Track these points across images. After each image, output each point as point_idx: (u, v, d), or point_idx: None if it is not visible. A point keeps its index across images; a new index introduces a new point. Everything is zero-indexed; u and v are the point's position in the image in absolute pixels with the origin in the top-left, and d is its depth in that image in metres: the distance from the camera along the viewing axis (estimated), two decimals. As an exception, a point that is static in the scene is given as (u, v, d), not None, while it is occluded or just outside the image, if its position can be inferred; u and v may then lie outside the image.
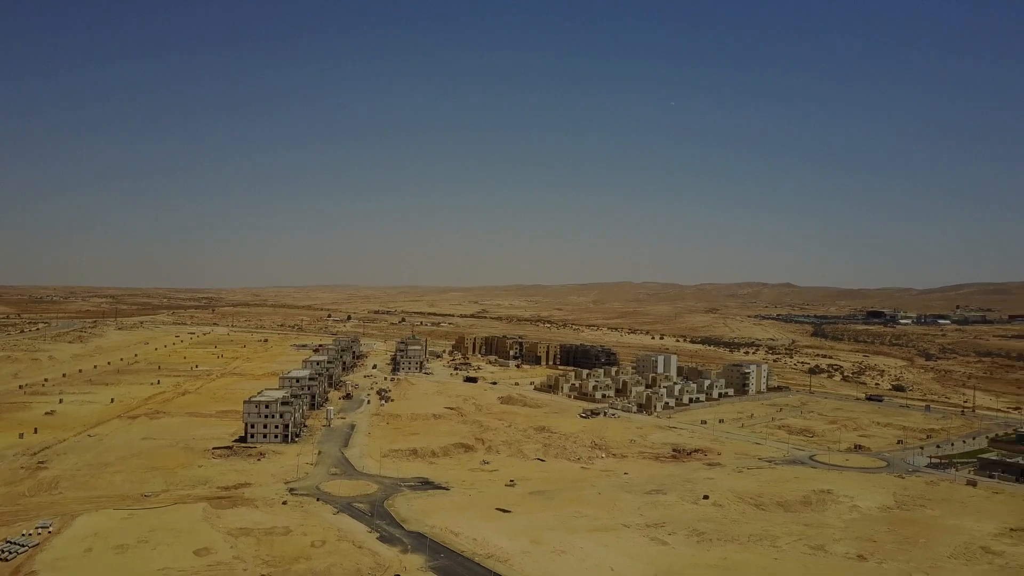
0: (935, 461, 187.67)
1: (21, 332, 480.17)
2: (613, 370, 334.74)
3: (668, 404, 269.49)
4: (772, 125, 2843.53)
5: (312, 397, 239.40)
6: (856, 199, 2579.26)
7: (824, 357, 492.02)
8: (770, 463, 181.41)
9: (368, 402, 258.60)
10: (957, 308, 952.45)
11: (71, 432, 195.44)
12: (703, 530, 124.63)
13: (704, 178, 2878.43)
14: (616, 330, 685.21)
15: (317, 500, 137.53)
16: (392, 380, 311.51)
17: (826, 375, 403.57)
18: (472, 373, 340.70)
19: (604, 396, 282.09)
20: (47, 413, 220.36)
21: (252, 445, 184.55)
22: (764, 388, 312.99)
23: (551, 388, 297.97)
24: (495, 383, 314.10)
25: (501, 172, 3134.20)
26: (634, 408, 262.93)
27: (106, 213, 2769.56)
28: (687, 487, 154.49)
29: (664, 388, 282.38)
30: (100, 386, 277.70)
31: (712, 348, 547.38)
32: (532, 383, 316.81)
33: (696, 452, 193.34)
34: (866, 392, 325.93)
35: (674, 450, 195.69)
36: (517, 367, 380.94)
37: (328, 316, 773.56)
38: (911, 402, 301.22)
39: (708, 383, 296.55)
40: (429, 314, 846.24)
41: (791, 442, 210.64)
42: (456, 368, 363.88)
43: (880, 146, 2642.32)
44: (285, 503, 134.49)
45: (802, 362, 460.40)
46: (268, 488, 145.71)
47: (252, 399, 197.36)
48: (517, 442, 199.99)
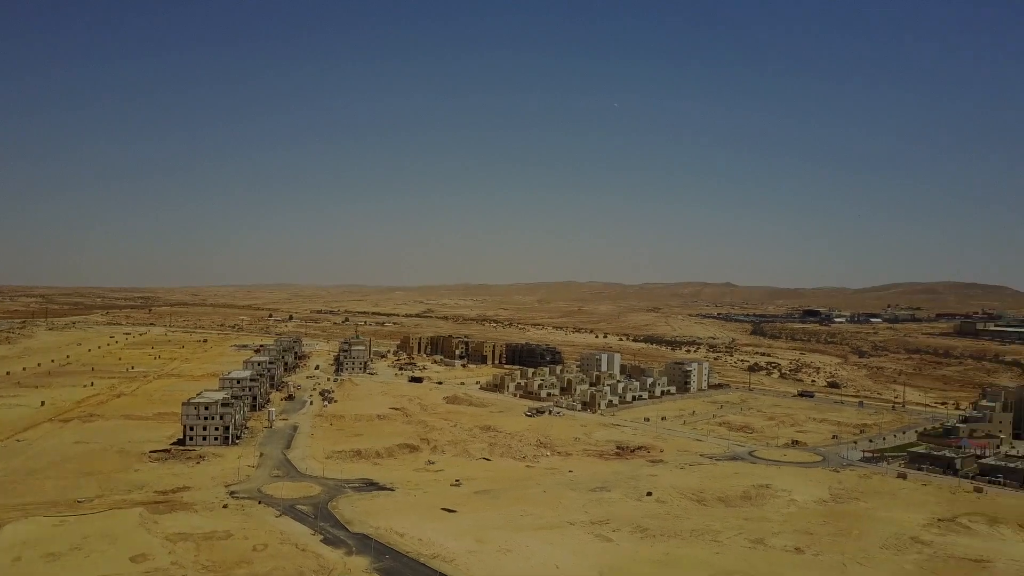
0: (868, 455, 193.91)
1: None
2: (558, 369, 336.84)
3: (612, 402, 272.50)
4: (714, 124, 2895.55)
5: (253, 398, 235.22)
6: (794, 200, 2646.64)
7: (763, 355, 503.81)
8: (711, 459, 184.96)
9: (311, 403, 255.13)
10: (888, 307, 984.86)
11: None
12: (647, 526, 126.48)
13: (646, 180, 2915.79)
14: (561, 329, 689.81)
15: (259, 503, 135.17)
16: (335, 381, 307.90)
17: (765, 372, 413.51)
18: (417, 373, 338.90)
19: (549, 395, 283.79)
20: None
21: (191, 448, 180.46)
22: (705, 386, 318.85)
23: (497, 387, 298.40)
24: (441, 383, 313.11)
25: (447, 172, 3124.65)
26: (579, 406, 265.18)
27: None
28: (631, 484, 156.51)
29: (608, 386, 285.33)
30: (29, 388, 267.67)
31: (655, 347, 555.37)
32: (478, 382, 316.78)
33: (639, 449, 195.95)
34: (798, 389, 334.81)
35: (618, 447, 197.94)
36: (463, 367, 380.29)
37: (269, 316, 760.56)
38: (845, 398, 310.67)
39: (651, 381, 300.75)
40: (373, 314, 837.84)
41: (731, 438, 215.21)
42: (401, 368, 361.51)
43: (816, 149, 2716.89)
44: (226, 506, 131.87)
45: (742, 360, 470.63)
46: (208, 491, 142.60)
47: (191, 401, 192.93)
48: (463, 442, 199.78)
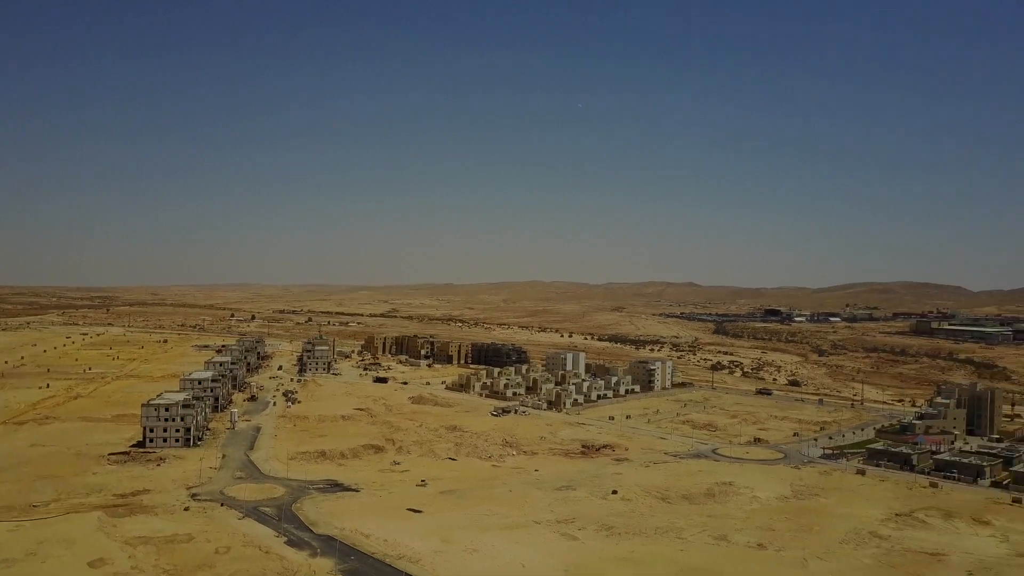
0: (828, 452, 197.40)
1: None
2: (524, 368, 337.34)
3: (577, 401, 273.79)
4: (680, 124, 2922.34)
5: (215, 399, 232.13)
6: (756, 201, 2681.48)
7: (725, 354, 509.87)
8: (675, 457, 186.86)
9: (274, 404, 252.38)
10: (847, 306, 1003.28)
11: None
12: (612, 524, 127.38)
13: (609, 180, 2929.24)
14: (527, 329, 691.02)
15: (221, 505, 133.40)
16: (299, 381, 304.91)
17: (727, 371, 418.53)
18: (382, 373, 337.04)
19: (515, 394, 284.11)
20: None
21: (151, 450, 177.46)
22: (669, 384, 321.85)
23: (462, 387, 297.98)
24: (406, 383, 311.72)
25: (411, 172, 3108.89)
26: (544, 405, 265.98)
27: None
28: (596, 482, 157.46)
29: (573, 385, 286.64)
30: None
31: (619, 346, 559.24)
32: (443, 382, 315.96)
33: (604, 448, 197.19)
34: (757, 387, 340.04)
35: (583, 446, 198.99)
36: (428, 367, 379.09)
37: (231, 316, 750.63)
38: (806, 396, 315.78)
39: (615, 380, 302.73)
40: (337, 313, 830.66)
41: (695, 436, 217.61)
42: (365, 368, 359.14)
43: (779, 150, 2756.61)
44: (187, 509, 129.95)
45: (705, 359, 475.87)
46: (169, 494, 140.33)
47: (151, 402, 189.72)
48: (428, 442, 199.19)
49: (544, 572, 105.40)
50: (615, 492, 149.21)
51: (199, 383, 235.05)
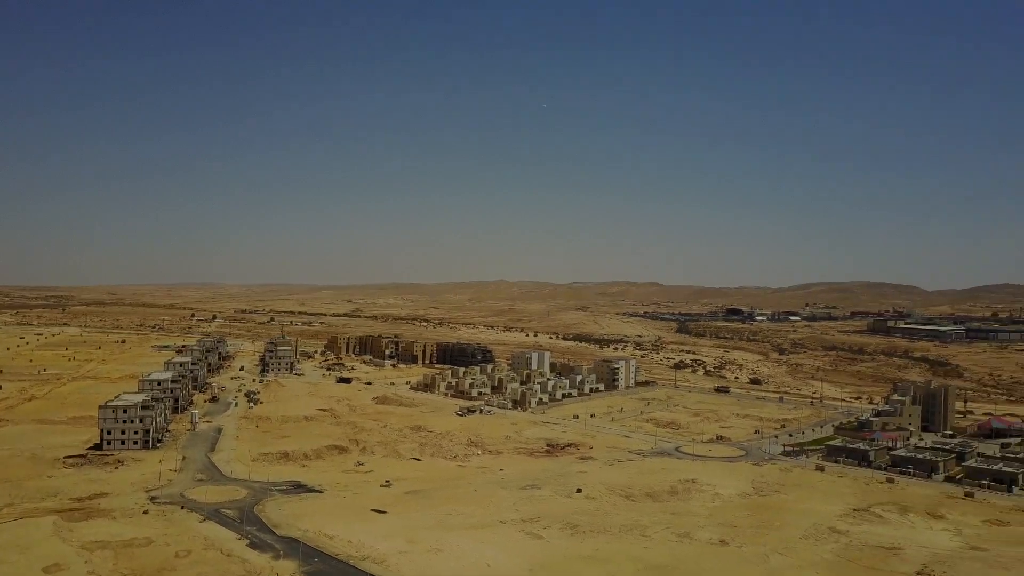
0: (788, 449, 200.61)
1: None
2: (489, 368, 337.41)
3: (542, 400, 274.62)
4: (638, 123, 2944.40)
5: (175, 400, 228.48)
6: (717, 202, 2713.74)
7: (688, 352, 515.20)
8: (639, 455, 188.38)
9: (236, 405, 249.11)
10: (807, 306, 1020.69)
11: None
12: (577, 523, 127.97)
13: (573, 179, 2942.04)
14: (492, 328, 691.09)
15: (182, 508, 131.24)
16: (261, 382, 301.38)
17: (690, 370, 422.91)
18: (346, 373, 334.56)
19: (480, 394, 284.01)
20: None
21: (109, 452, 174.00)
22: (633, 383, 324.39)
23: (427, 387, 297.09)
24: (370, 383, 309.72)
25: (377, 172, 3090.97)
26: (509, 405, 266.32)
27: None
28: (561, 481, 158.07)
29: (538, 384, 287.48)
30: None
31: (583, 345, 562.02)
32: (408, 382, 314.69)
33: (569, 447, 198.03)
34: (715, 384, 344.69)
35: (548, 445, 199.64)
36: (393, 367, 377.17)
37: (192, 315, 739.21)
38: (767, 394, 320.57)
39: (580, 379, 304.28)
40: (300, 313, 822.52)
41: (658, 434, 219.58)
42: (329, 369, 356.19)
43: (738, 152, 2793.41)
44: (146, 512, 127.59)
45: (668, 358, 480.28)
46: (127, 497, 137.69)
47: (109, 403, 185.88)
48: (393, 442, 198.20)
49: (509, 571, 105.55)
50: (580, 491, 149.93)
51: (159, 384, 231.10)
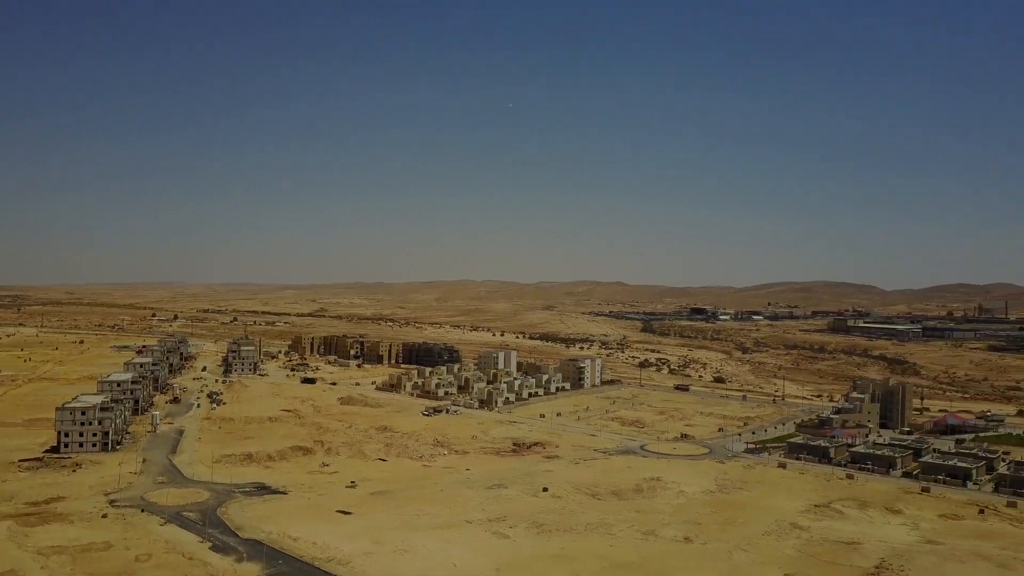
0: (751, 446, 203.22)
1: None
2: (456, 367, 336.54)
3: (509, 399, 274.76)
4: (604, 122, 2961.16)
5: (136, 402, 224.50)
6: (679, 203, 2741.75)
7: (653, 351, 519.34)
8: (605, 454, 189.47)
9: (198, 406, 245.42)
10: (769, 305, 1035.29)
11: None
12: (543, 521, 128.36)
13: (539, 179, 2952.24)
14: (459, 328, 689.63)
15: (142, 511, 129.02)
16: (224, 382, 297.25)
17: (655, 368, 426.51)
18: (310, 374, 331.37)
19: (447, 393, 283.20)
20: None
21: (66, 455, 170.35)
22: (598, 382, 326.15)
23: (393, 387, 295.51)
24: (335, 383, 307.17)
25: (341, 172, 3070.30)
26: (476, 404, 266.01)
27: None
28: (527, 480, 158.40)
29: (505, 384, 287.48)
30: None
31: (550, 344, 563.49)
32: (374, 383, 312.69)
33: (535, 445, 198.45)
34: (674, 383, 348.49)
35: (514, 444, 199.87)
36: (358, 367, 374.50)
37: (153, 315, 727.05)
38: (730, 392, 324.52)
39: (546, 378, 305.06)
40: (263, 313, 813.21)
41: (624, 433, 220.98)
42: (293, 369, 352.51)
43: (700, 153, 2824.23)
44: (105, 516, 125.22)
45: (633, 356, 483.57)
46: (85, 501, 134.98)
47: (66, 405, 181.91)
48: (358, 443, 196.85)
49: (476, 571, 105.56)
50: (546, 489, 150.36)
51: (118, 385, 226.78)
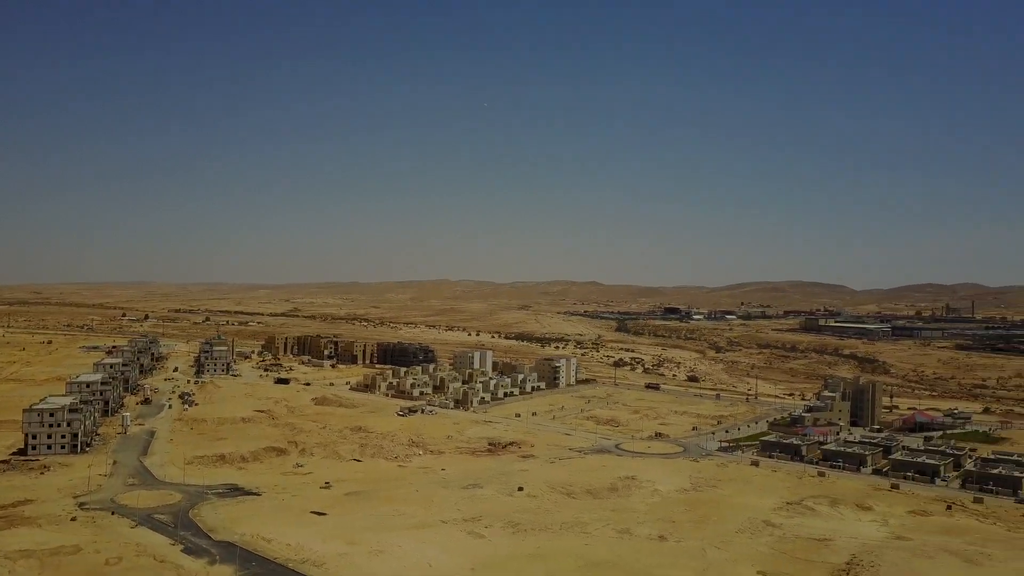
0: (725, 445, 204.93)
1: None
2: (431, 367, 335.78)
3: (484, 399, 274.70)
4: (574, 123, 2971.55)
5: (105, 403, 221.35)
6: (653, 203, 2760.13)
7: (627, 351, 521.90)
8: (580, 453, 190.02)
9: (170, 407, 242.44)
10: (742, 305, 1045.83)
11: None
12: (518, 521, 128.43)
13: (513, 180, 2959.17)
14: (434, 328, 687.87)
15: (112, 514, 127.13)
16: (196, 383, 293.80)
17: (629, 367, 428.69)
18: (284, 374, 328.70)
19: (422, 393, 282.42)
20: None
21: (34, 458, 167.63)
22: (574, 381, 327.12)
23: (368, 387, 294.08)
24: (309, 384, 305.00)
25: (313, 170, 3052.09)
26: (451, 404, 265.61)
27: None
28: (503, 480, 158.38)
29: (480, 384, 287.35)
30: None
31: (525, 344, 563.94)
32: (348, 383, 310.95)
33: (511, 445, 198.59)
34: (645, 382, 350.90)
35: (490, 444, 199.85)
36: (332, 367, 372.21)
37: (123, 315, 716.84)
38: (704, 391, 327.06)
39: (522, 377, 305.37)
40: (236, 312, 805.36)
41: (599, 432, 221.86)
42: (266, 369, 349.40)
43: (671, 154, 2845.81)
44: (74, 519, 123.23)
45: (608, 356, 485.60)
46: (54, 504, 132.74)
47: (34, 407, 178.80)
48: (332, 443, 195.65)
49: (451, 571, 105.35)
50: (521, 489, 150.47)
51: (87, 386, 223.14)
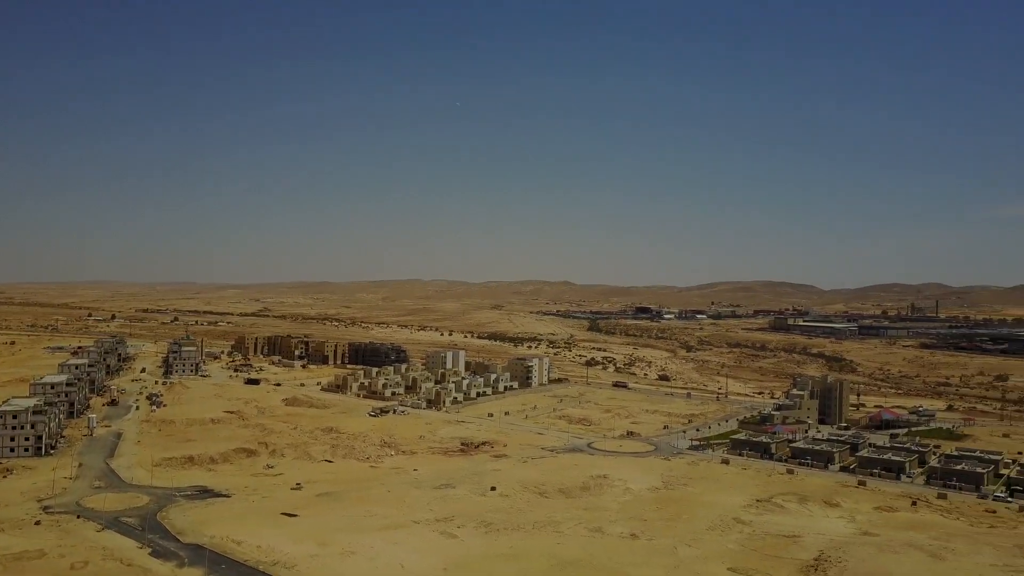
0: (695, 443, 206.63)
1: None
2: (403, 367, 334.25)
3: (457, 399, 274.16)
4: (552, 123, 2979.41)
5: (71, 405, 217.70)
6: (624, 204, 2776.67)
7: (599, 350, 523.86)
8: (552, 452, 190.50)
9: (137, 408, 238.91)
10: (712, 304, 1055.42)
11: None
12: (491, 521, 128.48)
13: (485, 180, 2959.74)
14: (406, 328, 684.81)
15: (78, 517, 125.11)
16: (164, 384, 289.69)
17: (601, 367, 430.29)
18: (254, 374, 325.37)
19: (394, 394, 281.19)
20: None
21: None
22: (546, 380, 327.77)
23: (339, 388, 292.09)
24: (279, 384, 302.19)
25: (284, 169, 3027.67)
26: (424, 404, 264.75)
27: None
28: (475, 480, 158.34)
29: (453, 384, 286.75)
30: None
31: (498, 343, 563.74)
32: (319, 383, 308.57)
33: (484, 445, 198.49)
34: (613, 380, 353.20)
35: (462, 444, 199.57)
36: (303, 367, 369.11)
37: (89, 315, 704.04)
38: (675, 390, 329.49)
39: (494, 377, 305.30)
40: (205, 312, 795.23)
41: (571, 431, 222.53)
42: (236, 370, 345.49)
43: (647, 154, 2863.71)
44: (38, 523, 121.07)
45: (580, 355, 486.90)
46: (17, 508, 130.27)
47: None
48: (303, 444, 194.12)
49: (423, 572, 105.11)
50: (494, 489, 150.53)
51: (52, 387, 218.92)
